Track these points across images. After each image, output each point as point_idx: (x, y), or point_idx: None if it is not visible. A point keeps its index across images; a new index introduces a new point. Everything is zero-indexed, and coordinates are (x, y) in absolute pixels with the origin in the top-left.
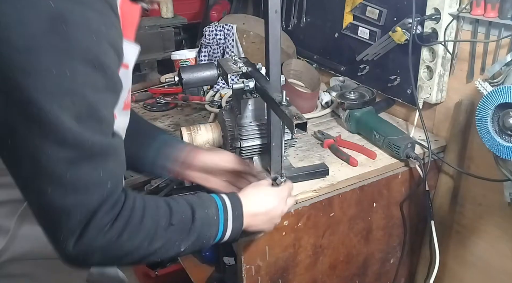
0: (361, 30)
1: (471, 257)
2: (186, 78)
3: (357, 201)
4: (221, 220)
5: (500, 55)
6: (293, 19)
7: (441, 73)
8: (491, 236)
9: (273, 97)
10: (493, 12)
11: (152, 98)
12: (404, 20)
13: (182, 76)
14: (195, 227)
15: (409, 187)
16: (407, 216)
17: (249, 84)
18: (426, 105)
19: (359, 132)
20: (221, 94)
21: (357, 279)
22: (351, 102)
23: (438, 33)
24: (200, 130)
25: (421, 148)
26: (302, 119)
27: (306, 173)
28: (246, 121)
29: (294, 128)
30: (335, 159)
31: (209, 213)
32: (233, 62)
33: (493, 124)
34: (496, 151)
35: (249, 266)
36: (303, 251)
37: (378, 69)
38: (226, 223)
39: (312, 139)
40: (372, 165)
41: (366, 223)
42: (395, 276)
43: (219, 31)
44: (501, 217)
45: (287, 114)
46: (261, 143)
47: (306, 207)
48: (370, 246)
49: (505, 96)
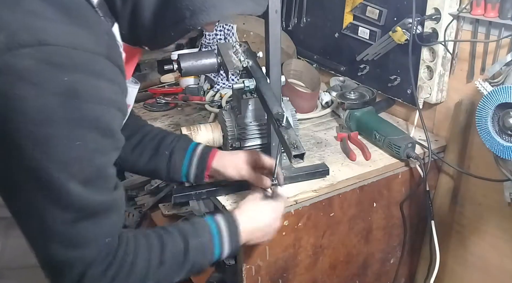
0: (361, 30)
1: (471, 257)
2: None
3: (357, 201)
4: (217, 244)
5: (500, 55)
6: (293, 19)
7: (441, 73)
8: (491, 236)
9: (273, 114)
10: (493, 12)
11: (152, 98)
12: (404, 20)
13: (181, 64)
14: (188, 258)
15: (409, 187)
16: (407, 216)
17: (249, 85)
18: (426, 105)
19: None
20: (221, 94)
21: (357, 279)
22: (351, 102)
23: (438, 33)
24: (200, 130)
25: (421, 148)
26: (300, 151)
27: (306, 173)
28: (246, 121)
29: (292, 159)
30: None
31: (202, 241)
32: (234, 52)
33: (493, 124)
34: (496, 151)
35: (249, 266)
36: (303, 251)
37: (378, 69)
38: (222, 246)
39: (312, 139)
40: (372, 165)
41: (366, 223)
42: (395, 276)
43: (219, 31)
44: (501, 217)
45: (286, 142)
46: (261, 143)
47: (306, 207)
48: (370, 246)
49: (505, 96)
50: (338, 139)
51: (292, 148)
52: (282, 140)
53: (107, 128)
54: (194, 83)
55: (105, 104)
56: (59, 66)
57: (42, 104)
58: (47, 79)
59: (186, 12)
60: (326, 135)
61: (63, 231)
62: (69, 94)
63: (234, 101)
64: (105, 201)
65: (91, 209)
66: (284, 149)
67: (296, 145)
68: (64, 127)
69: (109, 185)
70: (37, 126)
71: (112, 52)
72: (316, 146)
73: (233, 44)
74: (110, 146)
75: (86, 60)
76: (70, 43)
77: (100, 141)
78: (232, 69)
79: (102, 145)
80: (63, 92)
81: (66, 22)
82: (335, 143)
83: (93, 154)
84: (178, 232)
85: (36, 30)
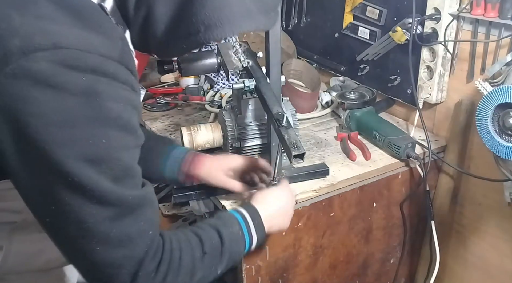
0: (361, 30)
1: (471, 257)
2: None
3: (357, 201)
4: (246, 233)
5: (500, 55)
6: (293, 19)
7: (441, 73)
8: (491, 236)
9: (273, 114)
10: (493, 12)
11: (152, 98)
12: (404, 20)
13: (181, 64)
14: (225, 248)
15: (409, 187)
16: (407, 216)
17: (249, 85)
18: (426, 105)
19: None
20: (221, 94)
21: (357, 279)
22: (351, 102)
23: (438, 33)
24: (200, 130)
25: (421, 148)
26: (301, 151)
27: (306, 173)
28: (246, 121)
29: (292, 158)
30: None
31: (233, 231)
32: (234, 51)
33: (493, 124)
34: (496, 151)
35: (249, 266)
36: (303, 251)
37: (378, 69)
38: (250, 235)
39: (312, 139)
40: (372, 165)
41: (366, 223)
42: (395, 276)
43: None
44: (501, 217)
45: (286, 142)
46: (261, 143)
47: (306, 207)
48: (370, 246)
49: (505, 96)
50: (338, 139)
51: (292, 148)
52: (282, 141)
53: (128, 125)
54: (194, 83)
55: (123, 102)
56: (75, 68)
57: (62, 106)
58: (65, 81)
59: (200, 27)
60: (326, 135)
61: (104, 230)
62: (88, 94)
63: (234, 101)
64: (137, 196)
65: (127, 204)
66: (284, 149)
67: (296, 144)
68: (87, 126)
69: (137, 181)
70: (59, 128)
71: (125, 57)
72: (316, 146)
73: (233, 44)
74: (132, 142)
75: (99, 63)
76: (85, 47)
77: (123, 138)
78: (232, 69)
79: (125, 142)
80: (82, 92)
81: (79, 27)
82: (335, 143)
83: (119, 151)
84: (209, 226)
85: (51, 34)
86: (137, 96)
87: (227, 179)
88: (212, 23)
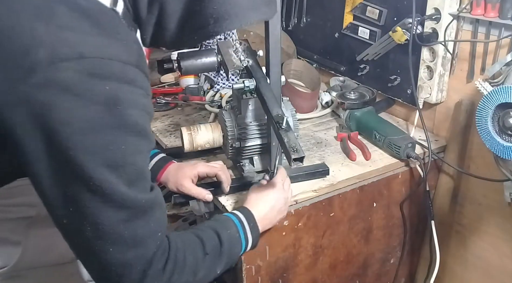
0: (361, 30)
1: (471, 257)
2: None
3: (357, 201)
4: (242, 235)
5: (500, 55)
6: (293, 19)
7: (441, 73)
8: (491, 236)
9: (273, 116)
10: (493, 12)
11: (152, 98)
12: (404, 20)
13: (181, 63)
14: (224, 249)
15: (409, 187)
16: (407, 216)
17: (249, 85)
18: (426, 105)
19: (359, 132)
20: (221, 94)
21: (357, 279)
22: (351, 102)
23: (438, 33)
24: (200, 130)
25: (421, 148)
26: (300, 154)
27: (306, 173)
28: (246, 121)
29: (292, 162)
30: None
31: (231, 232)
32: (234, 50)
33: (493, 124)
34: (496, 151)
35: (249, 266)
36: (303, 251)
37: (378, 69)
38: (246, 236)
39: (312, 139)
40: (372, 165)
41: (366, 223)
42: (395, 276)
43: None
44: (501, 217)
45: (286, 145)
46: (261, 143)
47: (306, 207)
48: (370, 246)
49: (505, 96)
50: (338, 139)
51: (292, 151)
52: (282, 143)
53: (143, 131)
54: (194, 83)
55: (141, 109)
56: (99, 77)
57: (87, 114)
58: (90, 90)
59: (210, 20)
60: (326, 135)
61: (120, 232)
62: (111, 103)
63: (234, 101)
64: (148, 198)
65: (139, 207)
66: (284, 151)
67: (296, 148)
68: (109, 133)
69: (148, 184)
70: (84, 135)
71: (141, 61)
72: (316, 146)
73: (233, 43)
74: (146, 146)
75: (120, 69)
76: (107, 55)
77: (139, 143)
78: (232, 69)
79: (141, 147)
80: (105, 101)
81: (100, 34)
82: (335, 143)
83: (135, 156)
84: (208, 227)
85: (75, 44)
86: (150, 101)
87: (195, 186)
88: (220, 16)
